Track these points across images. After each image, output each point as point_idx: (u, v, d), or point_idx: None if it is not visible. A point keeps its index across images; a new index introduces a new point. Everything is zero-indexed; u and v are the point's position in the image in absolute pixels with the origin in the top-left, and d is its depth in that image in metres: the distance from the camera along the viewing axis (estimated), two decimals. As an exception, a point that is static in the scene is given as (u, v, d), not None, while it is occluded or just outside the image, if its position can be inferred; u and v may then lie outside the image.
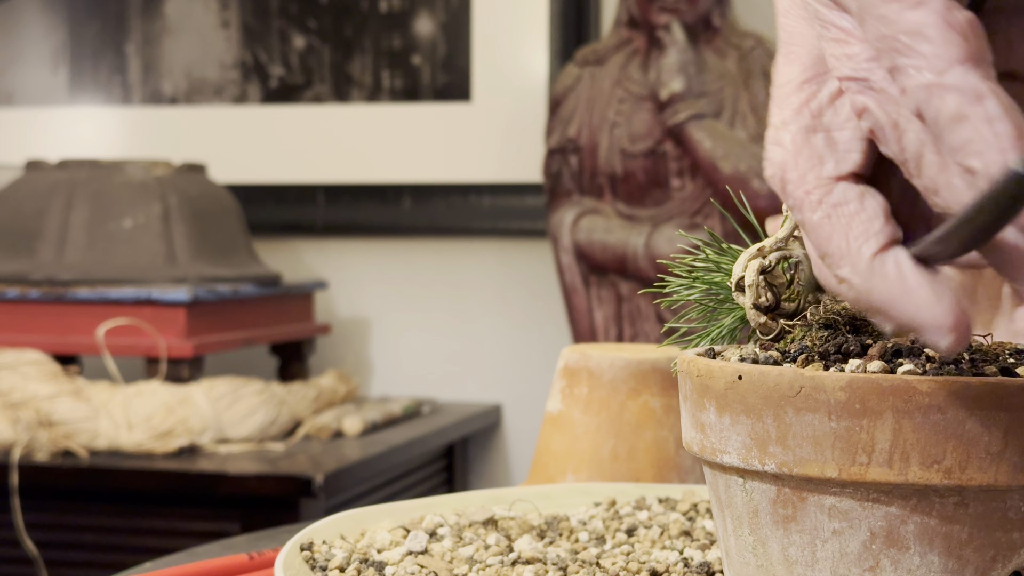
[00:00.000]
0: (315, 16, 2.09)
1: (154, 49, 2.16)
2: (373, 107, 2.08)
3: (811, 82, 0.40)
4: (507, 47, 2.02)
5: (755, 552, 0.46)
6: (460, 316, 2.08)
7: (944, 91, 0.34)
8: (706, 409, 0.47)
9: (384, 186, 2.07)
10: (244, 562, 0.69)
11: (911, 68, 0.35)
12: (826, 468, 0.43)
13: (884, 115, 0.37)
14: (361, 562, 0.60)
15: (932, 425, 0.41)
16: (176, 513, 1.51)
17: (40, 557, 1.51)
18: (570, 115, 1.82)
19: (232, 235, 1.85)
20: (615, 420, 0.83)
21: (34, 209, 1.75)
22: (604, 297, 1.81)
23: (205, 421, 1.57)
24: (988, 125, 0.34)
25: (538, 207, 1.98)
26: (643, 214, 1.79)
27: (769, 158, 0.41)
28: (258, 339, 1.81)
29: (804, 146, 0.40)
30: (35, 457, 1.51)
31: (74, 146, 2.17)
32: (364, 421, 1.71)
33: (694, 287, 0.53)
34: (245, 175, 2.11)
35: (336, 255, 2.12)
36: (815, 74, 0.41)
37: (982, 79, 0.34)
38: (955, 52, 0.34)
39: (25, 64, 2.21)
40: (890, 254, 0.38)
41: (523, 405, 2.05)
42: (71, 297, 1.65)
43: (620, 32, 1.82)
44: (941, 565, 0.43)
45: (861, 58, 0.37)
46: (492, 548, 0.63)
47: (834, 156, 0.40)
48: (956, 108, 0.34)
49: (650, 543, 0.66)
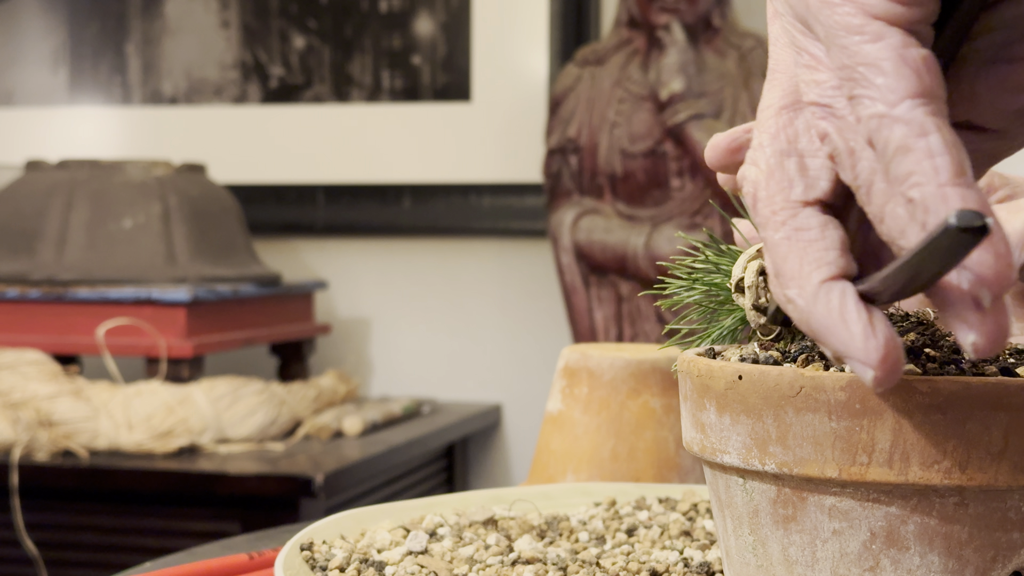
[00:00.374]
0: (315, 16, 2.09)
1: (154, 49, 2.16)
2: (373, 107, 2.08)
3: (789, 108, 0.42)
4: (507, 47, 2.02)
5: (755, 552, 0.46)
6: (460, 316, 2.08)
7: (893, 122, 0.36)
8: (706, 409, 0.47)
9: (384, 186, 2.07)
10: (244, 562, 0.69)
11: (866, 98, 0.37)
12: (826, 468, 0.43)
13: (842, 142, 0.39)
14: (361, 562, 0.60)
15: (932, 425, 0.41)
16: (176, 513, 1.51)
17: (40, 557, 1.51)
18: (570, 115, 1.82)
19: (232, 235, 1.85)
20: (615, 420, 0.83)
21: (34, 209, 1.75)
22: (604, 297, 1.81)
23: (205, 421, 1.57)
24: (930, 159, 0.36)
25: (538, 207, 1.98)
26: (643, 214, 1.79)
27: (745, 176, 0.42)
28: (258, 339, 1.81)
29: (777, 169, 0.41)
30: (35, 457, 1.51)
31: (74, 146, 2.17)
32: (364, 421, 1.71)
33: (694, 288, 0.54)
34: (245, 175, 2.11)
35: (336, 255, 2.12)
36: (793, 101, 0.42)
37: (929, 115, 0.36)
38: (907, 87, 0.36)
39: (25, 64, 2.21)
40: (837, 285, 0.39)
41: (523, 405, 2.05)
42: (71, 297, 1.65)
43: (620, 32, 1.82)
44: (941, 565, 0.43)
45: (827, 85, 0.39)
46: (492, 548, 0.63)
47: (804, 181, 0.41)
48: (902, 140, 0.36)
49: (650, 543, 0.66)
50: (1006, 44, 0.41)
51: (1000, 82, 0.41)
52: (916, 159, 0.36)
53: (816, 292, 0.39)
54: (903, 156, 0.36)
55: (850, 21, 0.37)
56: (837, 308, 0.39)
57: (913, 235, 0.36)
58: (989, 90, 0.41)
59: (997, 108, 0.41)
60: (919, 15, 0.37)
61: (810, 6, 0.39)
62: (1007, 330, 0.37)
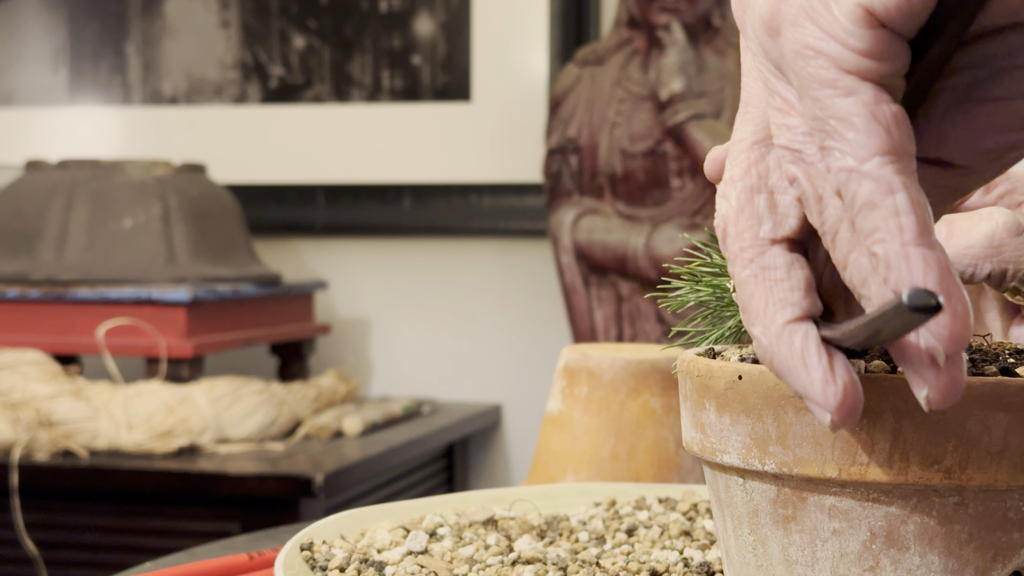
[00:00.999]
0: (315, 16, 2.09)
1: (154, 49, 2.16)
2: (373, 107, 2.08)
3: (761, 144, 0.42)
4: (507, 47, 2.02)
5: (755, 552, 0.46)
6: (460, 316, 2.08)
7: (861, 178, 0.37)
8: (706, 409, 0.47)
9: (384, 186, 2.07)
10: (244, 562, 0.69)
11: (836, 151, 0.38)
12: (826, 468, 0.43)
13: (811, 188, 0.39)
14: (361, 562, 0.60)
15: (932, 425, 0.41)
16: (176, 513, 1.51)
17: (40, 557, 1.51)
18: (570, 115, 1.82)
19: (232, 235, 1.85)
20: (615, 420, 0.83)
21: (34, 209, 1.75)
22: (604, 297, 1.81)
23: (205, 421, 1.57)
24: (895, 217, 0.37)
25: (538, 207, 1.98)
26: (643, 214, 1.79)
27: (717, 210, 0.43)
28: (258, 339, 1.81)
29: (747, 204, 0.42)
30: (35, 457, 1.51)
31: (74, 146, 2.17)
32: (364, 421, 1.71)
33: (699, 290, 0.54)
34: (245, 175, 2.11)
35: (336, 255, 2.12)
36: (765, 137, 0.42)
37: (897, 173, 0.37)
38: (876, 144, 0.37)
39: (25, 64, 2.21)
40: (800, 327, 0.40)
41: (523, 405, 2.05)
42: (71, 297, 1.65)
43: (620, 32, 1.82)
44: (941, 565, 0.43)
45: (798, 131, 0.40)
46: (492, 548, 0.63)
47: (773, 218, 0.42)
48: (869, 196, 0.37)
49: (650, 543, 0.66)
50: (975, 84, 0.42)
51: (969, 122, 0.42)
52: (882, 216, 0.37)
53: (780, 332, 0.40)
54: (870, 211, 0.37)
55: (823, 75, 0.38)
56: (799, 350, 0.40)
57: (874, 286, 0.38)
58: (957, 129, 0.42)
59: (966, 146, 0.42)
60: (890, 69, 0.38)
61: (784, 55, 0.39)
62: (961, 384, 0.37)
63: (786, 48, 0.39)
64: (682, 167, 1.76)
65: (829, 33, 0.38)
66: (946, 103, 0.42)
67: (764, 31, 0.40)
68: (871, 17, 0.37)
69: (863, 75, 0.38)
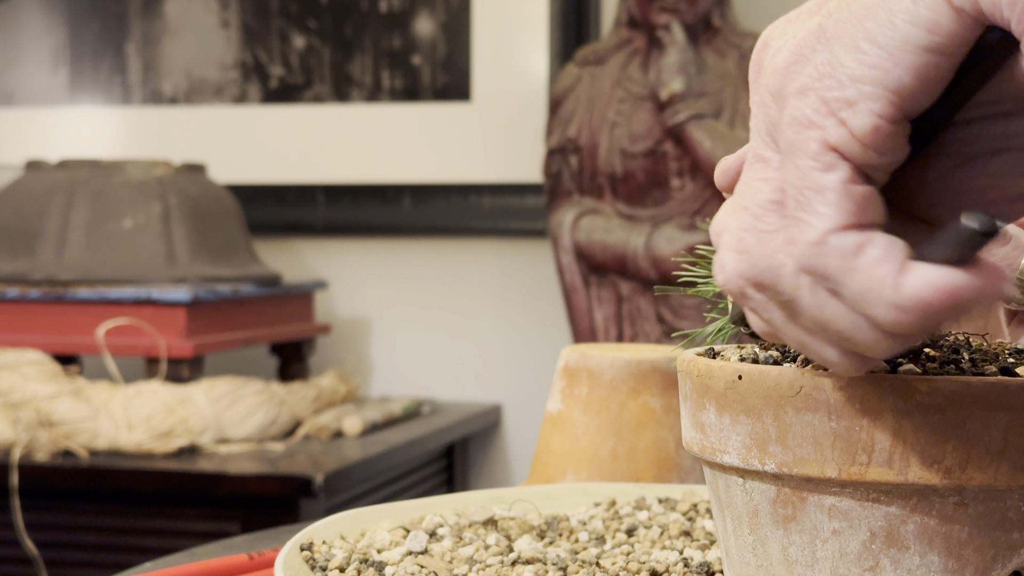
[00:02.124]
0: (315, 16, 2.09)
1: (154, 49, 2.16)
2: (373, 107, 2.08)
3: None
4: (507, 47, 2.02)
5: (755, 552, 0.46)
6: (460, 316, 2.08)
7: (828, 249, 0.38)
8: (706, 409, 0.47)
9: (384, 186, 2.07)
10: (244, 562, 0.69)
11: (805, 222, 0.39)
12: (826, 468, 0.43)
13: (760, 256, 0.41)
14: (361, 562, 0.60)
15: (932, 425, 0.41)
16: (176, 513, 1.51)
17: (40, 557, 1.51)
18: (570, 115, 1.82)
19: (232, 235, 1.85)
20: (615, 420, 0.83)
21: (34, 209, 1.75)
22: (604, 297, 1.81)
23: (205, 421, 1.57)
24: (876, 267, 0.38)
25: (538, 207, 1.98)
26: (643, 214, 1.78)
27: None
28: (258, 339, 1.81)
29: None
30: (35, 457, 1.51)
31: (74, 146, 2.17)
32: (364, 421, 1.71)
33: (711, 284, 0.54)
34: (245, 175, 2.11)
35: (336, 255, 2.12)
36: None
37: (860, 232, 0.38)
38: (845, 220, 0.39)
39: (25, 64, 2.21)
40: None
41: (523, 405, 2.05)
42: (71, 297, 1.65)
43: (620, 32, 1.82)
44: (941, 565, 0.43)
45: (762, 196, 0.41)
46: (492, 548, 0.63)
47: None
48: (841, 263, 0.38)
49: (650, 543, 0.66)
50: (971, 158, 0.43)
51: (961, 193, 0.43)
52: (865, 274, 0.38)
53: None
54: (849, 276, 0.38)
55: (810, 147, 0.39)
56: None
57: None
58: (949, 194, 0.43)
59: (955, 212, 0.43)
60: (875, 161, 0.39)
61: (781, 119, 0.40)
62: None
63: (785, 115, 0.40)
64: (682, 167, 1.76)
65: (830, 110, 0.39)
66: (940, 169, 0.43)
67: (770, 94, 0.41)
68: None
69: (845, 155, 0.39)
